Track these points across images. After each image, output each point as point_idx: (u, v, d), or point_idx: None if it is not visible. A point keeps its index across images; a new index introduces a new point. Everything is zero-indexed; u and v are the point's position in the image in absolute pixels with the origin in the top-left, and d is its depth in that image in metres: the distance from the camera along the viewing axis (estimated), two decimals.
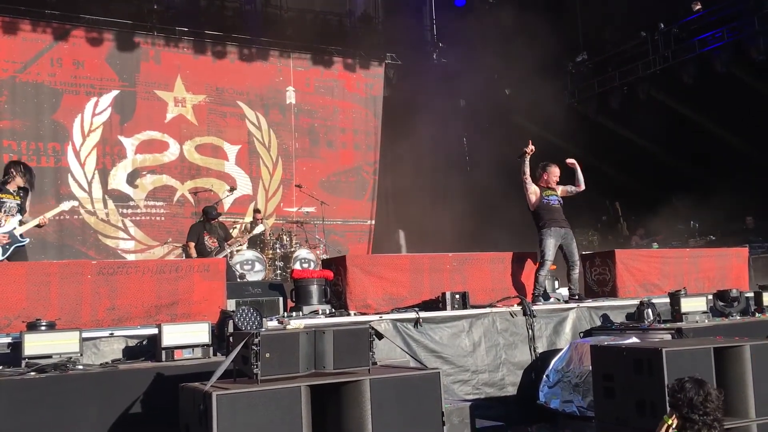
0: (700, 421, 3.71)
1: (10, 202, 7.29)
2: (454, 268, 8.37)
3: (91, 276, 6.51)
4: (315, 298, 7.40)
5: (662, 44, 14.39)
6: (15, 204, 7.31)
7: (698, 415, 3.72)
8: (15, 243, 7.27)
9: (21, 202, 7.37)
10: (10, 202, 7.29)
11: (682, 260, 9.82)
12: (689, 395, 3.76)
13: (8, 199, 7.30)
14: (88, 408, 5.04)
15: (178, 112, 14.42)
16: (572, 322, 7.94)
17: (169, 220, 13.99)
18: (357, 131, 16.44)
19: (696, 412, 3.73)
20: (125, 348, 5.98)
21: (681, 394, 3.79)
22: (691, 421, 3.72)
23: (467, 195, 16.09)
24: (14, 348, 5.53)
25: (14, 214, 7.26)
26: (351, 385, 4.46)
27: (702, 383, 3.84)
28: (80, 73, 13.52)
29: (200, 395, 4.19)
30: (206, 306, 6.81)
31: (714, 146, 13.64)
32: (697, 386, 3.80)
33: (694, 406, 3.73)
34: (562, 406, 6.88)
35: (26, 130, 12.97)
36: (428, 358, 6.91)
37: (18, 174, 7.39)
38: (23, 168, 7.50)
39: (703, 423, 3.70)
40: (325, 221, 13.85)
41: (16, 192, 7.38)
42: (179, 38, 14.45)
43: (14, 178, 7.40)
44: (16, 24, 12.96)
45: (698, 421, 3.71)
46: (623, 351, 5.42)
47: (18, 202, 7.34)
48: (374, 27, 16.77)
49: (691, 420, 3.72)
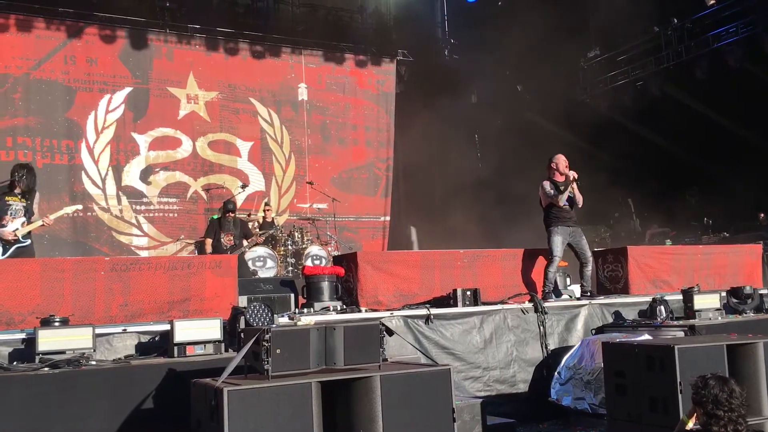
0: (725, 417, 3.68)
1: (16, 205, 7.45)
2: (465, 264, 8.37)
3: (104, 272, 6.56)
4: (326, 294, 7.41)
5: (675, 39, 14.30)
6: (21, 206, 7.46)
7: (723, 411, 3.69)
8: (15, 244, 7.40)
9: (27, 205, 7.51)
10: (15, 205, 7.44)
11: (694, 257, 9.76)
12: (714, 392, 3.74)
13: (14, 202, 7.45)
14: (101, 403, 5.08)
15: (191, 108, 14.47)
16: (584, 319, 7.92)
17: (182, 216, 14.05)
18: (369, 128, 16.43)
19: (721, 408, 3.70)
20: (138, 344, 6.03)
21: (705, 391, 3.76)
22: (716, 418, 3.69)
23: (479, 191, 16.06)
24: (28, 343, 5.59)
25: (19, 216, 7.41)
26: (361, 382, 4.47)
27: (726, 380, 3.83)
28: (94, 70, 13.59)
29: (212, 391, 4.21)
30: (218, 302, 6.84)
31: (727, 142, 13.54)
32: (722, 383, 3.78)
33: (719, 402, 3.71)
34: (574, 403, 6.86)
35: (40, 127, 13.05)
36: (439, 354, 6.91)
37: (18, 180, 7.50)
38: (26, 172, 7.59)
39: (729, 419, 3.68)
40: (338, 218, 13.87)
41: (22, 194, 7.51)
42: (191, 35, 14.49)
43: (18, 181, 7.53)
44: (30, 22, 13.04)
45: (723, 417, 3.68)
46: (635, 348, 5.40)
47: (24, 205, 7.48)
48: (386, 23, 16.74)
49: (716, 416, 3.69)
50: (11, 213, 7.39)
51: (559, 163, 8.63)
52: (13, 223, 7.36)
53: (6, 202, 7.41)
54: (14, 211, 7.42)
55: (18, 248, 7.44)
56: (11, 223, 7.35)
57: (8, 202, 7.42)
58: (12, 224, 7.36)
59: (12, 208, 7.41)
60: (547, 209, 8.63)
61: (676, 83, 14.22)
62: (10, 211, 7.38)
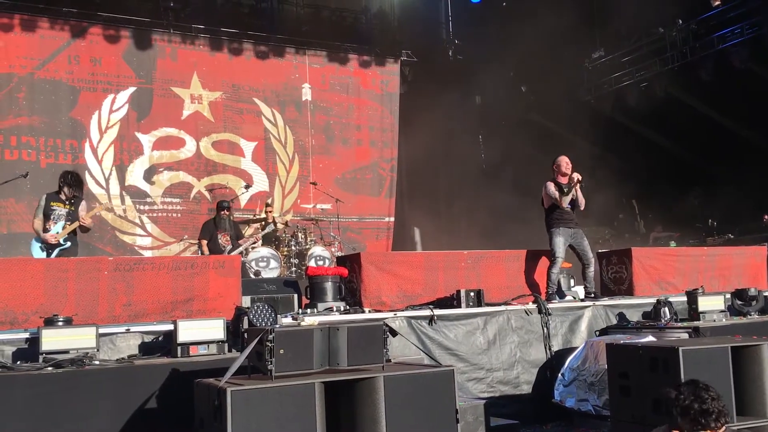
0: (715, 408, 3.67)
1: (60, 210, 7.82)
2: (469, 265, 8.36)
3: (107, 272, 6.56)
4: (330, 295, 7.41)
5: (680, 40, 14.27)
6: (65, 212, 7.83)
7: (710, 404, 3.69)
8: (58, 246, 7.76)
9: (72, 210, 7.85)
10: (59, 210, 7.82)
11: (699, 258, 9.74)
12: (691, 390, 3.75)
13: (58, 207, 7.82)
14: (104, 403, 5.08)
15: (195, 108, 14.48)
16: (588, 321, 7.91)
17: (186, 216, 14.06)
18: (373, 128, 16.43)
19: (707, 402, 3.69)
20: (141, 344, 6.02)
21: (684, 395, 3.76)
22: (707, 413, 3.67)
23: (482, 192, 16.06)
24: (32, 343, 5.59)
25: (61, 220, 7.77)
26: (365, 382, 4.46)
27: (693, 380, 3.84)
28: (97, 70, 13.61)
29: (215, 391, 4.21)
30: (221, 302, 6.84)
31: (732, 143, 13.51)
32: (692, 382, 3.81)
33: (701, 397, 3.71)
34: (578, 405, 6.85)
35: (44, 126, 13.07)
36: (443, 355, 6.90)
37: (64, 185, 7.90)
38: (70, 178, 7.95)
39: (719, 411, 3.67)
40: (342, 218, 13.86)
41: (67, 200, 7.86)
42: (195, 35, 14.51)
43: (65, 187, 7.92)
44: (34, 22, 13.07)
45: (713, 409, 3.67)
46: (639, 349, 5.39)
47: (68, 210, 7.85)
48: (390, 24, 16.74)
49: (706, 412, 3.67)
50: (54, 218, 7.76)
51: (561, 164, 8.63)
52: (55, 227, 7.72)
53: (51, 207, 7.79)
54: (57, 216, 7.78)
55: (60, 251, 7.76)
56: (53, 227, 7.72)
57: (53, 207, 7.80)
58: (54, 228, 7.71)
59: (56, 213, 7.79)
60: (548, 210, 8.65)
61: (681, 84, 14.19)
62: (53, 216, 7.76)
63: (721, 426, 3.67)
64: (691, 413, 3.71)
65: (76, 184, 7.97)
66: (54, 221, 7.74)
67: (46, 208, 7.77)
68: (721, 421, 3.67)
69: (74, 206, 7.88)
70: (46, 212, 7.76)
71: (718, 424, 3.66)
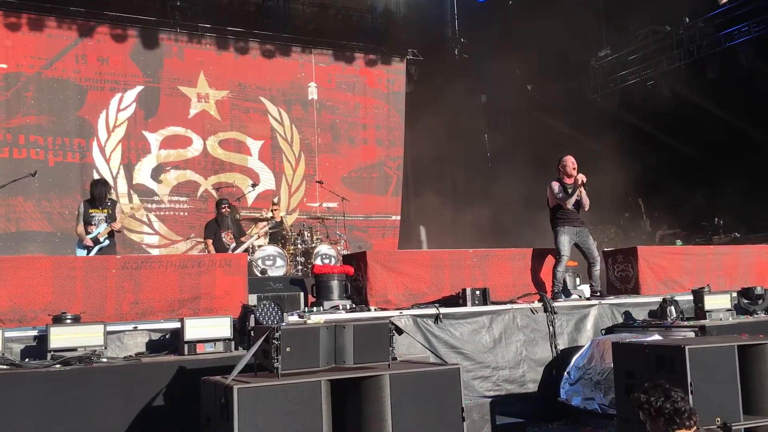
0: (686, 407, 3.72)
1: (99, 215, 8.71)
2: (475, 264, 8.36)
3: (115, 270, 6.60)
4: (336, 293, 7.43)
5: (687, 39, 14.21)
6: (103, 216, 8.71)
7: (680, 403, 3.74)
8: (97, 244, 8.63)
9: (108, 214, 8.73)
10: (98, 216, 8.71)
11: (705, 257, 9.72)
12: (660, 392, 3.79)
13: (96, 213, 8.72)
14: (112, 400, 5.11)
15: (202, 107, 14.52)
16: (594, 319, 7.90)
17: (193, 215, 14.11)
18: (379, 127, 16.45)
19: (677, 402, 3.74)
20: (148, 341, 6.06)
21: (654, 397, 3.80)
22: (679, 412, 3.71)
23: (488, 191, 16.04)
24: (40, 341, 5.63)
25: (100, 224, 8.67)
26: (371, 380, 4.47)
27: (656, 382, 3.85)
28: (105, 69, 13.67)
29: (222, 388, 4.23)
30: (228, 300, 6.87)
31: (739, 142, 13.44)
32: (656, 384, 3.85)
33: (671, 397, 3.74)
34: (584, 404, 6.85)
35: (52, 125, 13.14)
36: (448, 353, 6.91)
37: (96, 193, 8.75)
38: (103, 186, 8.90)
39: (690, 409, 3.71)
40: (348, 216, 13.87)
41: (102, 206, 8.74)
42: (202, 34, 14.55)
43: (98, 195, 8.77)
44: (42, 21, 13.12)
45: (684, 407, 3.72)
46: (645, 348, 5.39)
47: (105, 214, 8.72)
48: (396, 23, 16.75)
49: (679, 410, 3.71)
50: (95, 222, 8.67)
51: (567, 164, 8.61)
52: (95, 231, 8.62)
53: (90, 214, 8.69)
54: (98, 220, 8.68)
55: (100, 249, 8.64)
56: (95, 231, 8.62)
57: (92, 213, 8.70)
58: (93, 232, 8.62)
59: (95, 218, 8.69)
60: (553, 210, 8.66)
61: (688, 83, 14.13)
62: (94, 221, 8.67)
63: (694, 424, 3.70)
64: (666, 413, 3.73)
65: (107, 190, 8.95)
66: (95, 225, 8.64)
67: (86, 216, 8.69)
68: (693, 419, 3.70)
69: (111, 209, 8.78)
70: (86, 219, 8.67)
71: (691, 422, 3.69)
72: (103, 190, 8.82)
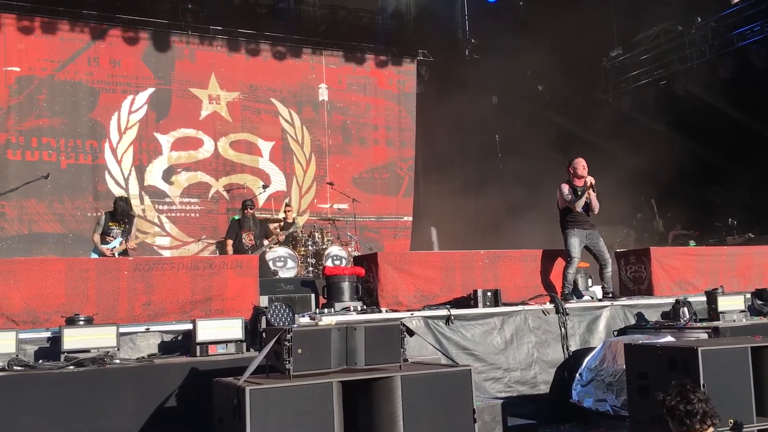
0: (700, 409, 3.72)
1: (117, 229, 9.28)
2: (486, 265, 8.35)
3: (127, 272, 6.63)
4: (347, 294, 7.42)
5: (699, 38, 14.15)
6: (120, 230, 9.28)
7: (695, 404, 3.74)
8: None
9: (125, 228, 9.33)
10: (117, 229, 9.27)
11: (719, 258, 9.65)
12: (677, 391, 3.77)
13: (115, 227, 9.28)
14: (125, 401, 5.14)
15: (213, 109, 14.57)
16: (606, 321, 7.87)
17: (204, 216, 14.15)
18: (390, 128, 16.44)
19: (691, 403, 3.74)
20: (161, 343, 6.08)
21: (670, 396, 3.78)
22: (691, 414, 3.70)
23: (500, 192, 16.01)
24: (53, 342, 5.66)
25: (117, 237, 9.24)
26: (382, 382, 4.48)
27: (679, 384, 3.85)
28: (117, 71, 13.73)
29: (234, 390, 4.24)
30: (239, 302, 6.88)
31: (752, 141, 13.36)
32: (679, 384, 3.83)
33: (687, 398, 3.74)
34: (596, 405, 6.82)
35: (64, 128, 13.21)
36: (460, 355, 6.90)
37: (118, 209, 9.36)
38: (124, 203, 9.49)
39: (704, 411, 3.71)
40: (359, 218, 13.88)
41: (121, 220, 9.32)
42: (213, 37, 14.59)
43: (119, 210, 9.36)
44: (54, 24, 13.20)
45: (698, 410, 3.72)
46: (658, 350, 5.36)
47: (122, 229, 9.29)
48: (406, 24, 16.74)
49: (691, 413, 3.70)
50: (113, 235, 9.22)
51: (578, 167, 8.57)
52: (113, 242, 9.18)
53: (110, 227, 9.26)
54: (115, 233, 9.24)
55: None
56: (113, 242, 9.17)
57: (111, 226, 9.27)
58: (112, 243, 9.16)
59: (114, 231, 9.25)
60: (563, 212, 8.63)
61: (700, 82, 14.07)
62: (112, 234, 9.23)
63: (707, 427, 3.66)
64: (677, 414, 3.71)
65: (127, 207, 9.55)
66: (113, 237, 9.22)
67: (105, 227, 9.27)
68: (707, 422, 3.67)
69: (128, 224, 9.39)
70: (105, 230, 9.24)
71: (704, 425, 3.66)
72: (125, 206, 9.46)
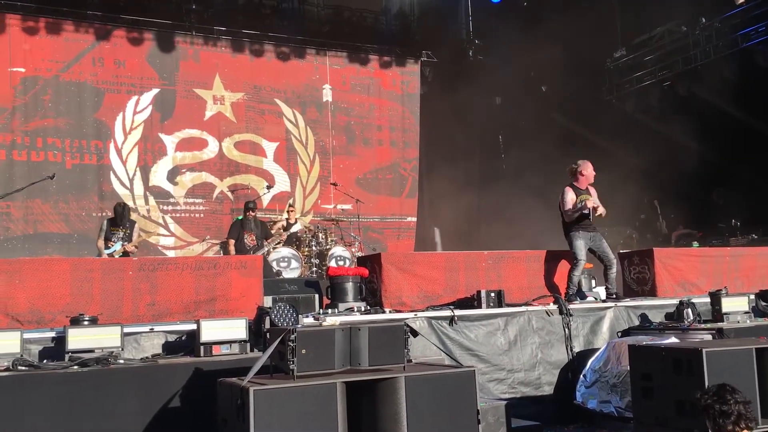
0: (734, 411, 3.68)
1: (119, 234, 9.58)
2: (490, 266, 8.35)
3: (132, 272, 6.65)
4: (350, 295, 7.44)
5: (703, 39, 14.12)
6: (122, 234, 9.58)
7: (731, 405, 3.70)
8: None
9: (126, 233, 9.62)
10: (117, 234, 9.58)
11: (722, 259, 9.64)
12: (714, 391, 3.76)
13: (116, 231, 9.60)
14: (129, 401, 5.16)
15: (217, 109, 14.59)
16: (610, 322, 7.86)
17: (208, 216, 14.18)
18: (393, 128, 16.46)
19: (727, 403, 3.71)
20: (165, 343, 6.09)
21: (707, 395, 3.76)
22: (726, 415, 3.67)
23: (503, 193, 16.00)
24: (58, 342, 5.68)
25: (118, 241, 9.50)
26: (386, 382, 4.48)
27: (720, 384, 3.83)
28: (121, 72, 13.76)
29: (238, 390, 4.25)
30: (243, 302, 6.89)
31: (756, 142, 13.32)
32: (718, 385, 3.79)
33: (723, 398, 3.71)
34: (600, 407, 6.82)
35: (69, 128, 13.24)
36: (463, 356, 6.90)
37: (117, 215, 9.68)
38: (123, 208, 9.79)
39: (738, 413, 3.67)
40: (363, 218, 13.89)
41: (122, 225, 9.63)
42: (217, 37, 14.62)
43: (119, 215, 9.65)
44: (59, 25, 13.23)
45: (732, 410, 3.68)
46: (662, 351, 5.36)
47: (124, 233, 9.60)
48: (410, 24, 16.74)
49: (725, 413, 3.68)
50: (114, 239, 9.51)
51: (586, 170, 8.58)
52: (114, 246, 9.45)
53: (111, 231, 9.58)
54: (117, 238, 9.53)
55: None
56: (114, 246, 9.45)
57: (112, 231, 9.59)
58: (112, 248, 9.44)
59: (116, 236, 9.56)
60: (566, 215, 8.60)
61: (704, 83, 14.04)
62: (114, 239, 9.53)
63: (740, 429, 3.65)
64: (711, 413, 3.71)
65: (127, 212, 9.83)
66: (114, 242, 9.50)
67: (107, 232, 9.58)
68: (741, 425, 3.65)
69: (129, 230, 9.68)
70: (107, 235, 9.55)
71: (737, 427, 3.65)
72: (123, 211, 9.69)
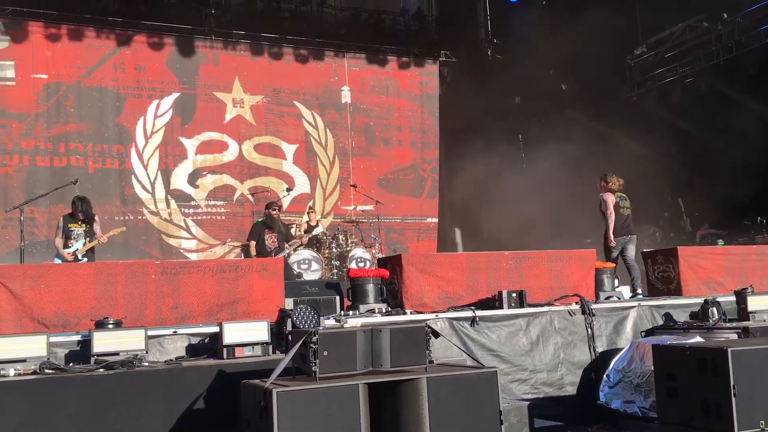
0: None
1: (78, 230, 8.96)
2: (511, 266, 8.29)
3: (155, 275, 6.68)
4: (371, 296, 7.42)
5: (725, 35, 13.97)
6: (81, 231, 8.97)
7: None
8: (75, 260, 8.71)
9: (87, 229, 9.01)
10: (77, 230, 8.95)
11: (748, 257, 9.51)
12: None
13: (75, 228, 8.96)
14: (154, 403, 5.20)
15: (237, 112, 14.69)
16: (633, 321, 7.79)
17: (229, 219, 14.27)
18: (413, 129, 16.47)
19: None
20: (188, 345, 6.13)
21: None
22: None
23: (523, 192, 15.92)
24: (83, 345, 5.74)
25: (80, 239, 8.90)
26: (408, 384, 4.48)
27: None
28: (142, 77, 13.91)
29: (261, 392, 4.27)
30: (265, 305, 6.91)
31: None
32: None
33: None
34: (624, 407, 6.76)
35: (91, 133, 13.41)
36: (485, 356, 6.87)
37: (77, 209, 9.04)
38: (82, 202, 9.10)
39: None
40: (384, 219, 13.91)
41: (82, 221, 8.99)
42: (237, 41, 14.74)
43: (78, 211, 9.03)
44: (81, 31, 13.41)
45: None
46: (687, 350, 5.30)
47: (84, 229, 8.99)
48: (428, 25, 16.75)
49: None
50: (74, 237, 8.88)
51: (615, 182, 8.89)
52: (75, 245, 8.82)
53: (69, 228, 8.92)
54: (76, 235, 8.91)
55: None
56: (74, 245, 8.82)
57: (71, 228, 8.94)
58: (73, 246, 8.81)
59: (74, 232, 8.92)
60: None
61: (727, 79, 13.89)
62: (73, 236, 8.89)
63: None
64: None
65: (87, 206, 9.13)
66: (74, 239, 8.86)
67: (65, 229, 8.92)
68: None
69: (89, 225, 9.03)
70: (66, 233, 8.91)
71: None
72: (82, 206, 9.05)
